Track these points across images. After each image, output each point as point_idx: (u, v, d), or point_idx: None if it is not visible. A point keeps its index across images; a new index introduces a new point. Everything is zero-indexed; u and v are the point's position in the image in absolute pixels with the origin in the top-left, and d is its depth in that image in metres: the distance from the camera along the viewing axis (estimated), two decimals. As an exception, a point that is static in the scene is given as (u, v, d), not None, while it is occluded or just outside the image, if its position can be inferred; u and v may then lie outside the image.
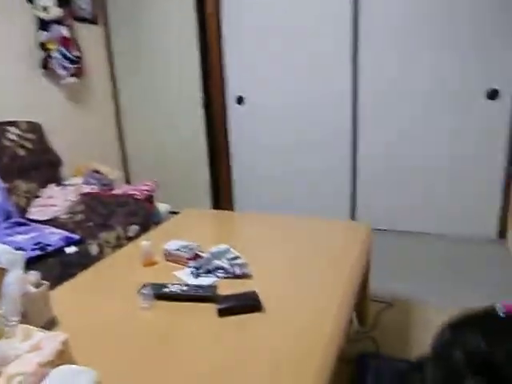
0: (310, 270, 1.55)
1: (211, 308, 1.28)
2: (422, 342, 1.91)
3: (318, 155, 3.16)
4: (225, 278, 1.46)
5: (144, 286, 1.36)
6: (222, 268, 1.47)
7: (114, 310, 1.33)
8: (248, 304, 1.27)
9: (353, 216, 3.18)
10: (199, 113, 3.32)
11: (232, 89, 3.27)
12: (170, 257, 1.60)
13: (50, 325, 1.24)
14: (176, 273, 1.52)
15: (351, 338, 1.92)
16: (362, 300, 2.00)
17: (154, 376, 1.02)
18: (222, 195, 3.38)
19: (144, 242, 1.61)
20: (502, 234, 2.89)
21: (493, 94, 2.69)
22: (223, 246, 1.56)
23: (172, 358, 1.08)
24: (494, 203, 2.86)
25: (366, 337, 1.96)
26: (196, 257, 1.56)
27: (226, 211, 2.60)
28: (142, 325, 1.25)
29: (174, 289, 1.35)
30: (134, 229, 2.35)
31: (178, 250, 1.58)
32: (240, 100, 3.27)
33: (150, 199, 2.75)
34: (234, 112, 3.31)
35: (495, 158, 2.79)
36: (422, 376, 0.82)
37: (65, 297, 1.42)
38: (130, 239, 2.24)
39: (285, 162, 3.27)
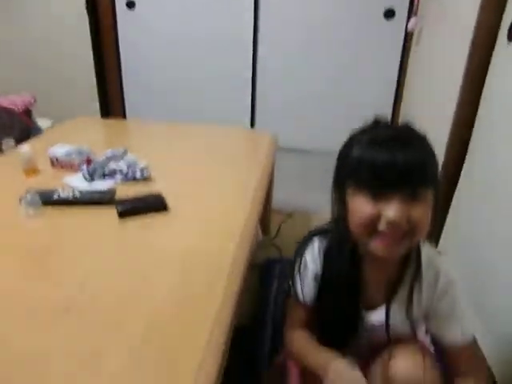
0: (218, 175, 1.46)
1: (110, 211, 1.15)
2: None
3: (216, 64, 2.98)
4: (123, 182, 1.32)
5: (27, 192, 1.17)
6: (120, 171, 1.32)
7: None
8: (152, 205, 1.16)
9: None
10: (83, 18, 2.88)
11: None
12: (57, 163, 1.40)
13: None
14: (66, 179, 1.34)
15: (256, 247, 1.95)
16: (265, 210, 2.02)
17: (46, 285, 0.89)
18: (112, 109, 3.06)
19: (24, 148, 1.38)
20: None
21: (389, 14, 2.75)
22: (120, 149, 1.40)
23: (65, 267, 0.95)
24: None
25: (270, 245, 2.01)
26: (88, 161, 1.39)
27: (120, 120, 2.34)
28: (26, 235, 1.08)
29: (66, 194, 1.18)
30: (9, 143, 2.03)
31: (66, 154, 1.39)
32: (131, 4, 2.91)
33: (27, 113, 2.39)
34: (124, 17, 2.94)
35: (387, 74, 2.90)
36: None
37: None
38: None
39: (181, 70, 3.01)
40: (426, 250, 0.89)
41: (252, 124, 3.12)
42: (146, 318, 0.79)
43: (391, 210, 0.71)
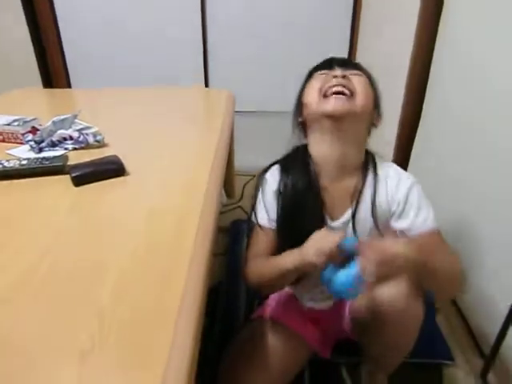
0: (176, 137, 1.39)
1: (64, 180, 1.07)
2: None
3: (164, 28, 2.82)
4: (75, 149, 1.23)
5: (-35, 165, 1.06)
6: (71, 138, 1.23)
7: None
8: (110, 169, 1.08)
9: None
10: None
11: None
12: (-3, 135, 1.29)
13: None
14: (10, 151, 1.23)
15: (221, 211, 1.91)
16: (228, 173, 1.97)
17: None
18: (55, 81, 2.84)
19: (-43, 120, 1.25)
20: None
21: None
22: (68, 115, 1.30)
23: (20, 242, 0.85)
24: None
25: (235, 207, 1.98)
26: (34, 130, 1.28)
27: (66, 89, 2.19)
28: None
29: (11, 164, 1.08)
30: None
31: (7, 124, 1.27)
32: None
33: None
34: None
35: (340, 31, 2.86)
36: None
37: None
38: None
39: (124, 27, 2.82)
40: (381, 160, 0.98)
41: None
42: (113, 284, 0.73)
43: (334, 73, 0.91)
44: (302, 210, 0.91)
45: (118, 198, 1.03)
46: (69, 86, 2.88)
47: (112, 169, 1.08)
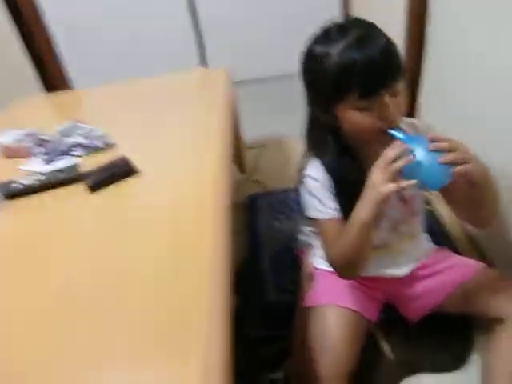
0: (178, 128, 1.39)
1: (80, 188, 1.09)
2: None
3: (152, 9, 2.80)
4: (85, 154, 1.25)
5: (-16, 189, 1.09)
6: (79, 144, 1.25)
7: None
8: (121, 171, 1.10)
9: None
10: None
11: None
12: (8, 152, 1.31)
13: None
14: (23, 167, 1.25)
15: (236, 186, 1.92)
16: (238, 149, 1.97)
17: (34, 279, 0.85)
18: (51, 79, 2.81)
19: (-34, 144, 1.28)
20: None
21: None
22: (69, 122, 1.31)
23: (47, 260, 0.90)
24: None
25: (250, 181, 1.98)
26: (42, 142, 1.30)
27: (63, 91, 2.18)
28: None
29: (27, 181, 1.11)
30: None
31: (15, 140, 1.29)
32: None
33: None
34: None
35: None
36: None
37: None
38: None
39: (118, 18, 2.83)
40: None
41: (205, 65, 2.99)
42: (146, 284, 0.77)
43: (386, 111, 0.77)
44: (360, 186, 0.84)
45: (134, 198, 1.05)
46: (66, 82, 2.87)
47: (123, 170, 1.10)
